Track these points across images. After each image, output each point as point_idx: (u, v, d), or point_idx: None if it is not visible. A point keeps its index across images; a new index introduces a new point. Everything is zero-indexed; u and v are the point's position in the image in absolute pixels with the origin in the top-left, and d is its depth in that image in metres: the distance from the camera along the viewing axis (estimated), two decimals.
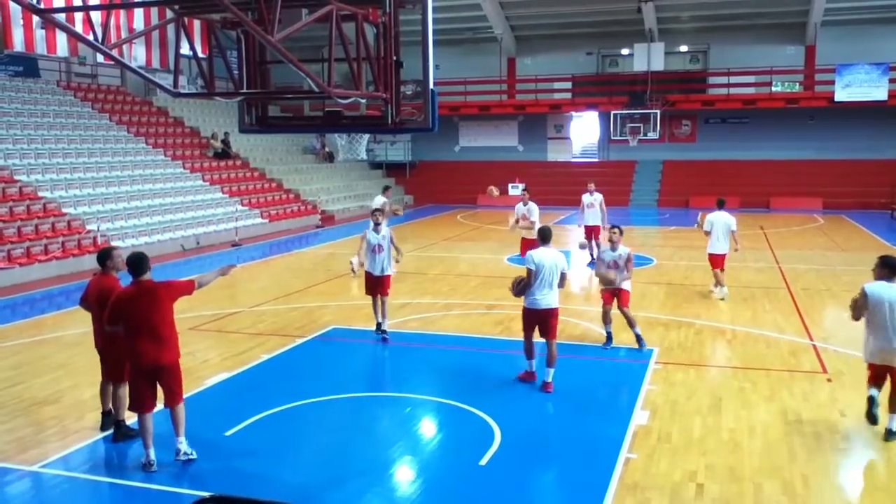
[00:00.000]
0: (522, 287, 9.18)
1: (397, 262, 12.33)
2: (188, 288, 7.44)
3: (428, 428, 8.18)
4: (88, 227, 18.96)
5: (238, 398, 9.03)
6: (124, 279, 7.46)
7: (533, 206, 15.33)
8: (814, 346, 10.82)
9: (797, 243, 21.58)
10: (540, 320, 9.32)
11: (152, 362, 7.02)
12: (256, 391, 9.23)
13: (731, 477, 6.76)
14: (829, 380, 9.36)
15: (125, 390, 7.48)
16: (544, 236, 9.49)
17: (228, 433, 7.83)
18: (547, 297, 9.22)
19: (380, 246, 11.29)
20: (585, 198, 17.67)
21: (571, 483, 6.75)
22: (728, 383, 9.26)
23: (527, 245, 15.61)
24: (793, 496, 6.42)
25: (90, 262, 17.63)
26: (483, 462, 7.09)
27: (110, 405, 7.87)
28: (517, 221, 15.34)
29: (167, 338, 7.09)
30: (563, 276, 9.25)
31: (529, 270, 9.14)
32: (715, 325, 12.07)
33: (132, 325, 6.99)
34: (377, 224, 11.45)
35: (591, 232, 17.44)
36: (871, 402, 7.75)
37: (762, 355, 10.49)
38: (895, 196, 28.23)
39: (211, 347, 10.97)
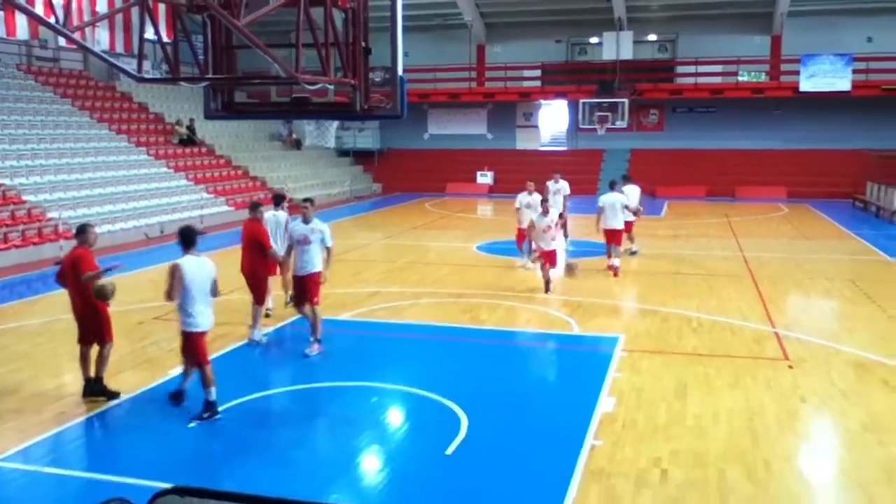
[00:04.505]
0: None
1: None
2: (266, 243, 10.38)
3: (395, 417, 8.17)
4: (49, 216, 18.62)
5: (200, 391, 8.92)
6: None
7: (537, 196, 15.51)
8: (776, 334, 10.98)
9: (761, 232, 21.88)
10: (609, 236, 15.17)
11: (246, 271, 10.49)
12: (221, 381, 9.09)
13: (696, 462, 6.84)
14: (790, 367, 9.51)
15: (109, 350, 8.50)
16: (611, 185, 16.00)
17: (192, 424, 7.75)
18: (610, 221, 15.18)
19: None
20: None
21: (537, 470, 6.79)
22: (693, 370, 9.36)
23: (524, 235, 15.67)
24: (755, 481, 6.52)
25: (51, 250, 17.36)
26: (449, 451, 7.09)
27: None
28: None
29: (252, 259, 10.43)
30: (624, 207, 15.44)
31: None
32: (680, 312, 12.20)
33: (243, 243, 10.61)
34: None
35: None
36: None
37: (727, 342, 10.63)
38: (857, 186, 28.69)
39: (175, 337, 10.76)
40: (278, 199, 11.66)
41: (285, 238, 10.98)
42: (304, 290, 10.14)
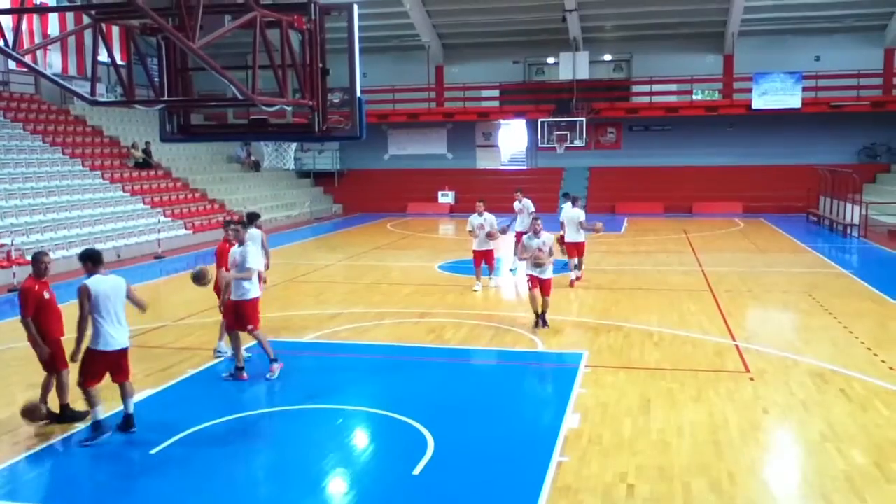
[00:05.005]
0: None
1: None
2: (224, 265, 10.16)
3: (360, 439, 8.09)
4: (2, 242, 18.19)
5: (164, 415, 8.76)
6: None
7: (490, 216, 15.49)
8: (737, 347, 11.12)
9: (719, 246, 22.21)
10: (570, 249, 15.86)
11: (216, 289, 10.57)
12: (183, 407, 8.97)
13: (661, 476, 6.87)
14: (751, 379, 9.62)
15: (66, 376, 8.33)
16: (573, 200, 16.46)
17: (154, 451, 7.58)
18: (572, 235, 15.91)
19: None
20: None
21: (505, 488, 6.75)
22: (656, 384, 9.42)
23: (480, 256, 15.49)
24: (720, 493, 6.56)
25: (3, 277, 16.95)
26: (416, 471, 7.04)
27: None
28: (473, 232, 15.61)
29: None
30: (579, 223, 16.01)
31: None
32: (643, 327, 12.29)
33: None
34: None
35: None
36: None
37: (688, 356, 10.72)
38: (810, 200, 29.33)
39: (134, 363, 10.49)
40: (252, 217, 12.10)
41: (260, 252, 11.39)
42: (238, 315, 9.88)
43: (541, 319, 12.17)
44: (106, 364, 7.91)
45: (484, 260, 15.56)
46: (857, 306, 13.74)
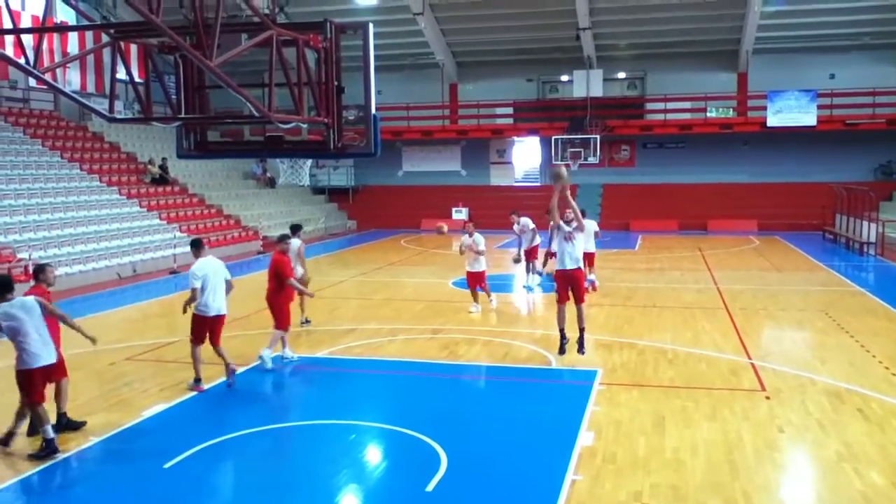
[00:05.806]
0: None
1: None
2: (285, 274, 11.30)
3: (373, 455, 8.08)
4: (20, 256, 18.36)
5: (177, 429, 8.79)
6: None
7: (479, 236, 14.77)
8: (752, 365, 11.04)
9: (734, 264, 22.10)
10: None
11: (267, 299, 11.53)
12: (196, 422, 9.00)
13: (675, 496, 6.82)
14: (767, 397, 9.55)
15: (66, 384, 8.46)
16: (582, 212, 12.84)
17: (167, 465, 7.60)
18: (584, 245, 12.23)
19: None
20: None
21: None
22: (671, 403, 9.37)
23: (473, 278, 15.17)
24: None
25: (21, 290, 17.03)
26: (429, 488, 7.02)
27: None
28: (461, 252, 15.02)
29: (271, 288, 11.45)
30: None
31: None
32: (657, 345, 12.24)
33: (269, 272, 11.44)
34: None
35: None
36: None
37: (703, 374, 10.66)
38: (825, 218, 29.16)
39: (149, 377, 10.69)
40: (295, 228, 13.70)
41: (297, 261, 12.96)
42: (213, 331, 10.27)
43: (578, 343, 11.33)
44: (44, 378, 7.89)
45: (477, 283, 14.88)
46: (874, 325, 13.63)
